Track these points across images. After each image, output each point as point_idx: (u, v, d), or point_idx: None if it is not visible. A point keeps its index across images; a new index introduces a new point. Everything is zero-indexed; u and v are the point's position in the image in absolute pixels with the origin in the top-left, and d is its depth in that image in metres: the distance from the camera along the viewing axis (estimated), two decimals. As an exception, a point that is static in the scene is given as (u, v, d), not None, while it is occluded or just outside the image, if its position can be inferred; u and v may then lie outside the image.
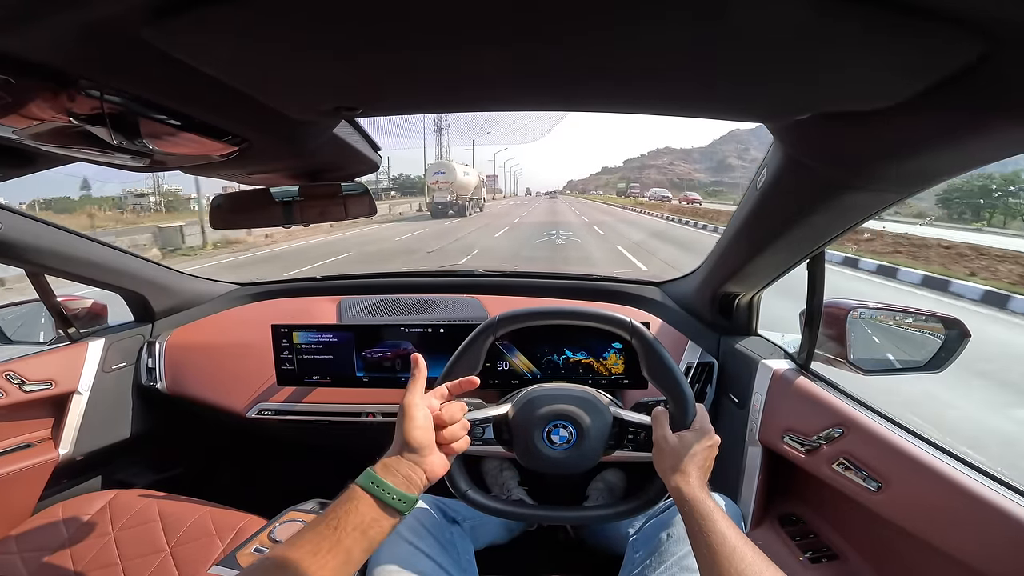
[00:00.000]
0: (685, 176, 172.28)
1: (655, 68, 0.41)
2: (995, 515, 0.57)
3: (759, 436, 0.94)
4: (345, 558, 0.48)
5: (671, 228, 16.72)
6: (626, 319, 0.77)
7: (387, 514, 0.52)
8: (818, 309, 0.86)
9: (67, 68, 0.38)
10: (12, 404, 1.09)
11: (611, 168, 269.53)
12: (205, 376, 1.29)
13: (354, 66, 0.41)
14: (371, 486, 0.52)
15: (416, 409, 0.58)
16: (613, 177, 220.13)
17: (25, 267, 1.09)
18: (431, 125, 42.71)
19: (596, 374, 1.06)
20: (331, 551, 0.47)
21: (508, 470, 1.26)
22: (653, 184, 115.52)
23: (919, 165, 0.50)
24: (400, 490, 0.53)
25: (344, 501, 0.51)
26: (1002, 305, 5.64)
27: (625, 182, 47.84)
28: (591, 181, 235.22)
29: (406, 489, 0.53)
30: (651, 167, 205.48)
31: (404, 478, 0.54)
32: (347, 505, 0.51)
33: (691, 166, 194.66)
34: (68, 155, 0.55)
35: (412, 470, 0.55)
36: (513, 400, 0.79)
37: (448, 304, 1.33)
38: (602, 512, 0.79)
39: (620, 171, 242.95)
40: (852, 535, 0.83)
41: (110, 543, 1.00)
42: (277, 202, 0.84)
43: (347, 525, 0.49)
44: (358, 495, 0.52)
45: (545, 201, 47.21)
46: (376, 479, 0.53)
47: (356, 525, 0.49)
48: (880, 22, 0.31)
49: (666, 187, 41.82)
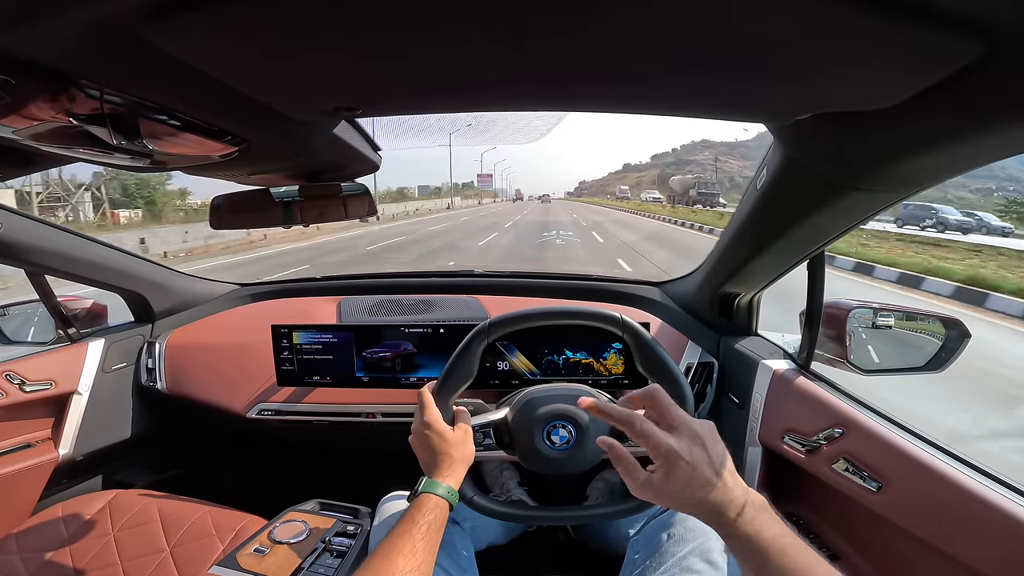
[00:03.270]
0: (737, 174, 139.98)
1: (655, 68, 0.41)
2: (995, 515, 0.57)
3: (759, 436, 0.94)
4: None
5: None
6: (616, 315, 0.76)
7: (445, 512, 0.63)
8: (818, 309, 0.86)
9: (67, 68, 0.38)
10: (12, 404, 1.09)
11: (636, 165, 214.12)
12: (205, 376, 1.29)
13: (354, 66, 0.41)
14: (449, 496, 0.64)
15: (459, 430, 0.72)
16: (641, 176, 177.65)
17: (25, 267, 1.09)
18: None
19: (596, 374, 1.06)
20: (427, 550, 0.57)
21: (508, 471, 1.26)
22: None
23: (919, 165, 0.50)
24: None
25: (431, 509, 0.61)
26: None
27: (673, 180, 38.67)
28: (610, 182, 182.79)
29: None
30: (689, 163, 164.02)
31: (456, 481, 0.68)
32: (435, 512, 0.61)
33: (740, 163, 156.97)
34: (68, 155, 0.55)
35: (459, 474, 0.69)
36: (511, 403, 0.79)
37: (448, 304, 1.33)
38: (602, 511, 0.79)
39: (648, 169, 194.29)
40: (852, 535, 0.83)
41: (110, 543, 1.00)
42: (277, 202, 0.84)
43: (436, 528, 0.59)
44: (442, 504, 0.63)
45: (537, 206, 48.61)
46: (452, 490, 0.65)
47: (439, 528, 0.60)
48: (880, 22, 0.31)
49: (718, 188, 41.94)
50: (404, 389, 1.13)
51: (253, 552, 0.87)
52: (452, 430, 0.70)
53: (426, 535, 0.57)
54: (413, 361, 1.12)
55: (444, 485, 0.64)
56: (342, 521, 0.97)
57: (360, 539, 0.92)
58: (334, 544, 0.90)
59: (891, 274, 7.59)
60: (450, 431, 0.70)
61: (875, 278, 7.70)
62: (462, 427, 0.72)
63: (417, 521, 0.58)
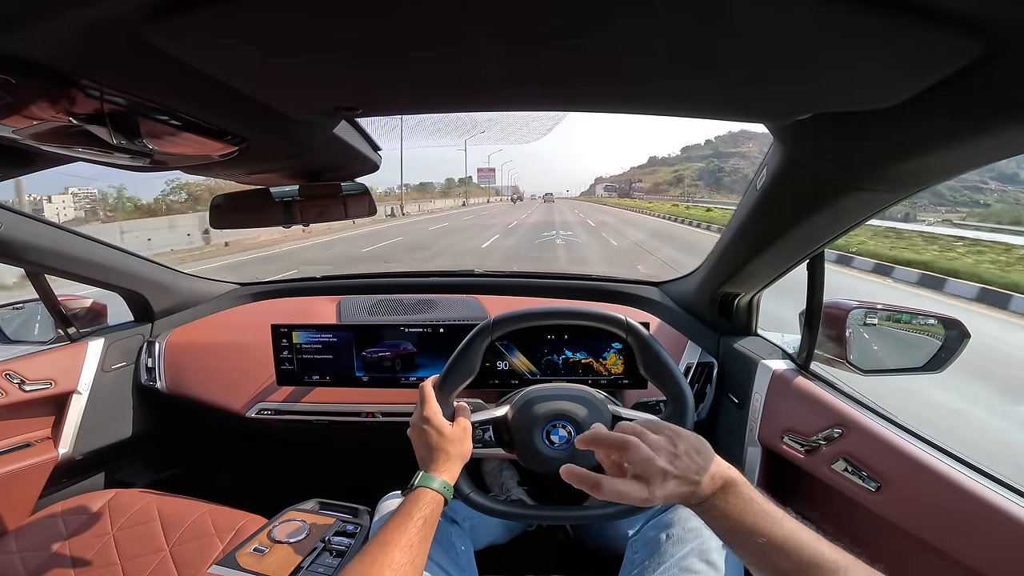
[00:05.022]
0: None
1: (655, 68, 0.41)
2: (995, 515, 0.57)
3: (759, 436, 0.94)
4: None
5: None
6: (621, 317, 0.77)
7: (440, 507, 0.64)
8: (818, 309, 0.86)
9: (67, 68, 0.38)
10: (12, 404, 1.09)
11: (665, 159, 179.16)
12: (205, 376, 1.29)
13: (354, 66, 0.41)
14: (444, 490, 0.64)
15: (459, 426, 0.72)
16: (679, 170, 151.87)
17: (25, 267, 1.09)
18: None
19: (596, 374, 1.06)
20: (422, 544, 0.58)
21: (507, 470, 1.26)
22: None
23: (919, 165, 0.50)
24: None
25: (427, 504, 0.61)
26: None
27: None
28: (632, 177, 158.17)
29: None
30: (732, 156, 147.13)
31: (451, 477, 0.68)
32: (431, 506, 0.61)
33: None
34: (68, 155, 0.55)
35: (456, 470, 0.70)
36: (512, 401, 0.79)
37: (448, 304, 1.33)
38: (601, 512, 0.79)
39: (680, 162, 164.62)
40: (852, 535, 0.82)
41: (110, 543, 1.00)
42: (277, 202, 0.84)
43: (431, 523, 0.60)
44: (438, 499, 0.63)
45: (540, 205, 48.31)
46: (447, 484, 0.65)
47: (434, 522, 0.61)
48: (880, 22, 0.31)
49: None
50: (404, 389, 1.13)
51: (253, 551, 0.87)
52: (451, 426, 0.70)
53: (422, 529, 0.58)
54: (413, 361, 1.12)
55: (439, 480, 0.65)
56: (342, 520, 0.97)
57: (360, 538, 0.92)
58: (333, 543, 0.90)
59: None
60: (449, 427, 0.70)
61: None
62: (461, 424, 0.72)
63: (413, 515, 0.59)
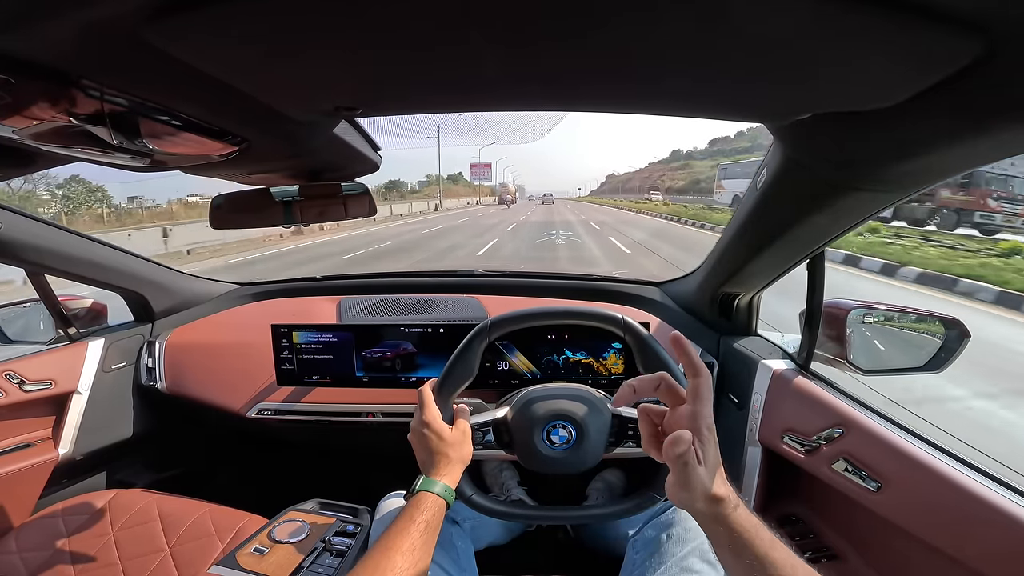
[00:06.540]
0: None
1: (655, 68, 0.41)
2: (995, 515, 0.57)
3: (759, 436, 0.94)
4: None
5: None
6: (618, 315, 0.76)
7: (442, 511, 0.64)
8: (818, 309, 0.86)
9: (67, 68, 0.38)
10: (12, 404, 1.09)
11: (691, 152, 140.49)
12: (205, 376, 1.29)
13: (353, 66, 0.41)
14: (445, 494, 0.64)
15: (458, 429, 0.72)
16: (705, 167, 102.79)
17: (25, 267, 1.09)
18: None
19: (596, 374, 1.06)
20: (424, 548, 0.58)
21: (508, 470, 1.26)
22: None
23: (919, 165, 0.50)
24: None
25: (429, 508, 0.61)
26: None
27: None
28: (650, 173, 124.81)
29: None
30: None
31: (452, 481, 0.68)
32: (433, 510, 0.61)
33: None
34: (68, 155, 0.55)
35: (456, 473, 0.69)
36: (511, 402, 0.79)
37: (448, 304, 1.33)
38: (601, 511, 0.79)
39: (713, 156, 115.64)
40: (852, 535, 0.83)
41: (110, 543, 1.00)
42: (277, 202, 0.84)
43: (433, 527, 0.60)
44: (439, 503, 0.63)
45: (539, 208, 46.49)
46: (448, 488, 0.65)
47: (436, 526, 0.61)
48: (880, 22, 0.31)
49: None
50: (404, 389, 1.13)
51: (253, 551, 0.87)
52: (451, 429, 0.70)
53: (424, 533, 0.58)
54: (413, 361, 1.12)
55: (441, 483, 0.65)
56: (342, 520, 0.97)
57: (360, 538, 0.92)
58: (334, 543, 0.90)
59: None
60: (448, 430, 0.70)
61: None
62: (461, 427, 0.72)
63: (415, 519, 0.59)
